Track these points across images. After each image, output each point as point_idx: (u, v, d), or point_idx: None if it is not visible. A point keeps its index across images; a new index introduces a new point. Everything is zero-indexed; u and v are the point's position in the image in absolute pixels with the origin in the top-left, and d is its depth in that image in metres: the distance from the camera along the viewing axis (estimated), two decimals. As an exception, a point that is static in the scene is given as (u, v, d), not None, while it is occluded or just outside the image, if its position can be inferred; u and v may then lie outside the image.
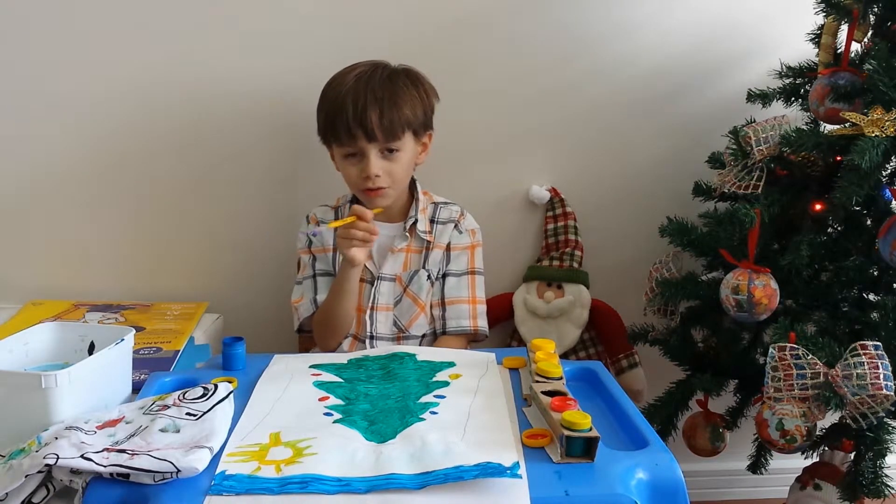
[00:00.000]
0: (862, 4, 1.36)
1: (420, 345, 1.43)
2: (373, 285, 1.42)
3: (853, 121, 1.27)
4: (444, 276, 1.45)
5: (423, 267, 1.43)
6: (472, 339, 1.46)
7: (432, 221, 1.46)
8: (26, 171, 1.63)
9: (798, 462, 1.50)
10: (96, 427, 0.91)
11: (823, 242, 1.42)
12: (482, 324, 1.45)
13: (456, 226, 1.46)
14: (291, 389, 1.05)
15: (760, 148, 1.39)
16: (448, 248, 1.45)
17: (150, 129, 1.62)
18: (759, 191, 1.38)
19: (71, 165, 1.63)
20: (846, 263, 1.41)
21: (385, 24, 1.60)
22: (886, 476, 1.32)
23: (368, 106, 1.31)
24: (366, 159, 1.34)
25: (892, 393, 1.18)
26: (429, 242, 1.44)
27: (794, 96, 1.52)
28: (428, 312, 1.44)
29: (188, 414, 0.92)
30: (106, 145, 1.62)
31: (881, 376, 1.18)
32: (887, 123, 1.24)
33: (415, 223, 1.43)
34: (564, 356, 1.66)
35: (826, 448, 1.50)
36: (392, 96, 1.33)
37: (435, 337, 1.45)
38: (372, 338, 1.42)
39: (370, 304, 1.42)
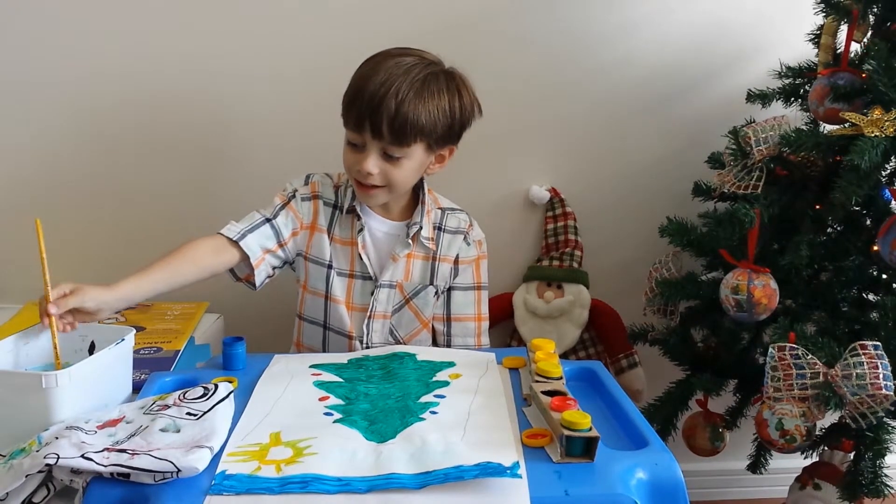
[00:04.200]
0: (862, 4, 1.37)
1: None
2: (372, 288, 1.35)
3: (853, 121, 1.27)
4: (450, 289, 1.40)
5: (432, 283, 1.37)
6: None
7: (438, 228, 1.37)
8: (26, 172, 1.62)
9: (798, 462, 1.50)
10: (97, 427, 0.91)
11: (823, 242, 1.42)
12: (485, 341, 1.43)
13: (465, 237, 1.39)
14: (291, 389, 1.05)
15: (760, 148, 1.39)
16: (456, 261, 1.39)
17: (150, 130, 1.62)
18: (759, 191, 1.38)
19: (71, 165, 1.63)
20: (846, 263, 1.41)
21: (385, 24, 1.60)
22: (886, 476, 1.32)
23: (385, 101, 1.18)
24: (365, 153, 1.24)
25: (892, 393, 1.18)
26: (434, 252, 1.37)
27: (793, 96, 1.53)
28: (430, 328, 1.40)
29: (188, 414, 0.92)
30: (106, 145, 1.62)
31: (881, 376, 1.18)
32: (887, 123, 1.24)
33: (419, 231, 1.34)
34: (564, 356, 1.66)
35: (826, 448, 1.51)
36: (414, 99, 1.20)
37: None
38: (368, 347, 1.36)
39: (368, 313, 1.36)
